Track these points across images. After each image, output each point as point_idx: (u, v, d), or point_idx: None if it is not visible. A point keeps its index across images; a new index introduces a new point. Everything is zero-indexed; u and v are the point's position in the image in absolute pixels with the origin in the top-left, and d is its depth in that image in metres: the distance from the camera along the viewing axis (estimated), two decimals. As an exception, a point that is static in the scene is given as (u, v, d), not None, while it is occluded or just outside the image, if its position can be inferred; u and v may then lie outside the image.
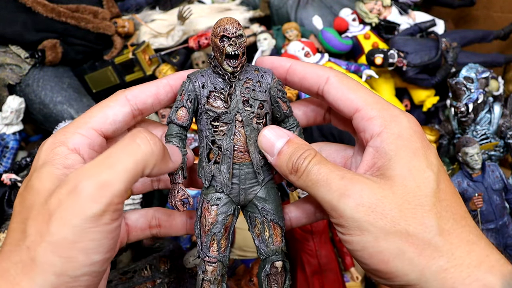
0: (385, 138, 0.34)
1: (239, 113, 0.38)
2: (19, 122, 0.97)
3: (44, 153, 0.33)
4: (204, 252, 0.39)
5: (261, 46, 1.10)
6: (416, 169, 0.32)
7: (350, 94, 0.36)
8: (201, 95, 0.38)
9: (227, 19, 0.37)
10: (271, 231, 0.40)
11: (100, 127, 0.36)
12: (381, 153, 0.34)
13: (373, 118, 0.35)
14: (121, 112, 0.37)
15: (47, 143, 0.34)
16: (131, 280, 0.66)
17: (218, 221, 0.39)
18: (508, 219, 0.82)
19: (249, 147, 0.39)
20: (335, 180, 0.33)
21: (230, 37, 0.37)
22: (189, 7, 1.05)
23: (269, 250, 0.40)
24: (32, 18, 0.95)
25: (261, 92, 0.39)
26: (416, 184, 0.32)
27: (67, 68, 1.04)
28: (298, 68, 0.39)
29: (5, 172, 0.90)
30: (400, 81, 1.06)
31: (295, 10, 1.19)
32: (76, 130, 0.35)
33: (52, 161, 0.32)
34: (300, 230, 0.82)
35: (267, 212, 0.40)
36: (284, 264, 0.40)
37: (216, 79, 0.38)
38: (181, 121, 0.39)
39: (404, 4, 1.17)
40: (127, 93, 0.38)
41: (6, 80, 0.96)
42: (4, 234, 0.78)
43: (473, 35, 1.08)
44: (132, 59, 1.03)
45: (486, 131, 0.91)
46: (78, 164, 0.33)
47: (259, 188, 0.40)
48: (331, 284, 0.81)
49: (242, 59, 0.38)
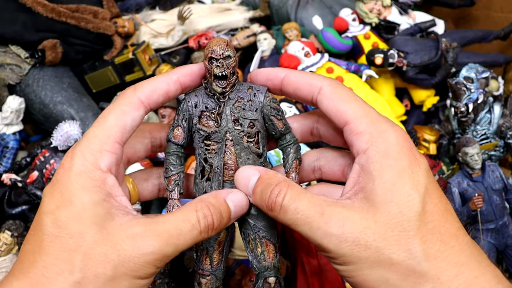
0: (370, 156, 0.33)
1: (229, 132, 0.39)
2: (19, 122, 0.97)
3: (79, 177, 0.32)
4: (198, 266, 0.41)
5: (261, 46, 1.10)
6: (400, 192, 0.31)
7: (341, 105, 0.35)
8: (193, 114, 0.39)
9: (216, 40, 0.38)
10: (263, 247, 0.40)
11: (121, 138, 0.35)
12: (366, 172, 0.33)
13: (361, 134, 0.34)
14: (137, 116, 0.36)
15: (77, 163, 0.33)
16: (131, 280, 0.66)
17: (211, 237, 0.39)
18: (508, 219, 0.82)
19: (239, 165, 0.39)
20: (315, 218, 0.32)
21: (217, 58, 0.37)
22: (189, 7, 1.05)
23: (261, 266, 0.40)
24: (32, 18, 0.95)
25: (251, 111, 0.39)
26: (399, 209, 0.31)
27: (67, 68, 1.04)
28: (292, 78, 0.38)
29: (5, 172, 0.90)
30: (400, 81, 1.06)
31: (295, 10, 1.19)
32: (102, 147, 0.34)
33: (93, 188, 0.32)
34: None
35: (259, 229, 0.40)
36: (277, 280, 0.41)
37: (208, 99, 0.39)
38: (177, 139, 0.40)
39: (404, 4, 1.17)
40: (139, 93, 0.37)
41: (6, 80, 0.96)
42: (4, 234, 0.78)
43: (473, 35, 1.08)
44: (132, 59, 1.03)
45: (486, 131, 0.91)
46: (115, 188, 0.33)
47: (251, 206, 0.40)
48: (331, 284, 0.81)
49: (231, 80, 0.38)
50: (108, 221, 0.31)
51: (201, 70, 0.40)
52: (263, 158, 0.41)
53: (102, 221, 0.31)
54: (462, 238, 0.32)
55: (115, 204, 0.33)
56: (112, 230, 0.31)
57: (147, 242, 0.31)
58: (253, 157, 0.40)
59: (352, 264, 0.31)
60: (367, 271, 0.31)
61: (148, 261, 0.31)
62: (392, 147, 0.33)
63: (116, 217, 0.32)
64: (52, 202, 0.32)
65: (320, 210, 0.32)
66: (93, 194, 0.32)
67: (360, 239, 0.31)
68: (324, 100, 0.36)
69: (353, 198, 0.33)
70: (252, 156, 0.40)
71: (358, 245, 0.30)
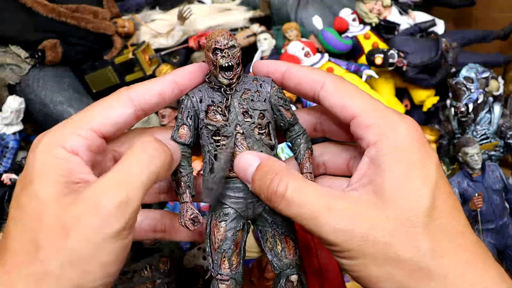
0: (380, 149, 0.32)
1: (239, 125, 0.37)
2: (19, 122, 0.97)
3: (42, 155, 0.32)
4: (216, 270, 0.38)
5: (261, 46, 1.10)
6: (410, 187, 0.31)
7: (347, 100, 0.34)
8: (199, 110, 0.38)
9: (218, 31, 0.37)
10: (283, 244, 0.39)
11: (100, 128, 0.34)
12: (376, 166, 0.32)
13: (370, 127, 0.33)
14: (124, 113, 0.36)
15: (43, 143, 0.32)
16: (131, 280, 0.66)
17: (227, 238, 0.38)
18: (508, 219, 0.82)
19: None
20: (321, 213, 0.31)
21: (222, 49, 0.36)
22: (189, 7, 1.05)
23: (283, 264, 0.39)
24: (32, 18, 0.95)
25: (260, 102, 0.38)
26: (409, 204, 0.30)
27: (67, 68, 1.04)
28: (294, 72, 0.38)
29: (5, 172, 0.90)
30: (400, 81, 1.06)
31: (295, 10, 1.19)
32: (74, 131, 0.33)
33: (54, 166, 0.31)
34: (300, 230, 0.82)
35: (278, 225, 0.38)
36: (299, 278, 0.39)
37: (213, 93, 0.38)
38: (183, 139, 0.38)
39: (404, 4, 1.17)
40: (131, 92, 0.36)
41: (6, 80, 0.96)
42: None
43: (473, 35, 1.08)
44: (132, 59, 1.03)
45: (486, 131, 0.91)
46: (80, 167, 0.32)
47: None
48: (331, 284, 0.81)
49: (237, 70, 0.37)
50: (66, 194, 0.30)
51: (199, 69, 0.39)
52: (275, 150, 0.39)
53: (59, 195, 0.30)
54: (468, 236, 0.31)
55: (76, 179, 0.31)
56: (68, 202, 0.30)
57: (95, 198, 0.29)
58: (266, 150, 0.38)
59: (358, 259, 0.30)
60: (372, 267, 0.30)
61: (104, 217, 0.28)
62: (403, 139, 0.32)
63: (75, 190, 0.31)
64: (19, 184, 0.32)
65: (327, 205, 0.31)
66: (53, 171, 0.31)
67: (369, 235, 0.30)
68: (327, 95, 0.35)
69: (360, 190, 0.32)
70: (265, 148, 0.38)
71: (367, 241, 0.30)
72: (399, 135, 0.32)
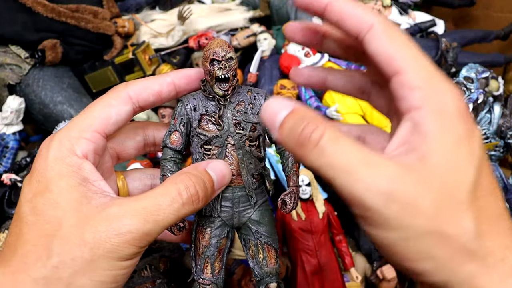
0: (425, 115, 0.28)
1: (231, 137, 0.38)
2: (19, 122, 0.97)
3: (55, 163, 0.32)
4: (199, 275, 0.40)
5: (261, 46, 1.10)
6: (457, 160, 0.28)
7: (395, 51, 0.30)
8: (193, 118, 0.38)
9: (217, 41, 0.37)
10: (265, 253, 0.40)
11: (103, 129, 0.35)
12: (420, 132, 0.28)
13: (415, 89, 0.29)
14: (123, 111, 0.36)
15: (53, 149, 0.33)
16: (131, 280, 0.66)
17: (211, 244, 0.39)
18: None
19: (241, 170, 0.38)
20: (357, 167, 0.27)
21: (220, 60, 0.36)
22: (189, 7, 1.05)
23: (263, 272, 0.40)
24: (32, 18, 0.95)
25: (253, 115, 0.38)
26: (455, 179, 0.27)
27: (67, 68, 1.04)
28: (338, 5, 0.32)
29: (5, 172, 0.90)
30: (400, 81, 1.06)
31: (295, 10, 1.19)
32: (80, 135, 0.34)
33: (69, 174, 0.32)
34: (300, 230, 0.82)
35: (261, 235, 0.40)
36: (278, 285, 0.40)
37: (208, 102, 0.38)
38: (174, 145, 0.38)
39: (404, 4, 1.17)
40: (129, 89, 0.37)
41: (6, 80, 0.96)
42: (4, 234, 0.78)
43: (473, 35, 1.08)
44: (132, 59, 1.03)
45: (486, 131, 0.91)
46: (93, 173, 0.33)
47: (252, 211, 0.40)
48: (331, 284, 0.81)
49: (233, 82, 0.37)
50: (84, 204, 0.31)
51: (198, 74, 0.39)
52: (263, 162, 0.40)
53: (78, 205, 0.31)
54: (506, 220, 0.29)
55: (92, 188, 0.32)
56: (88, 213, 0.31)
57: (123, 221, 0.30)
58: (255, 161, 0.39)
59: (395, 231, 0.27)
60: (411, 242, 0.27)
61: (126, 240, 0.30)
62: (450, 109, 0.29)
63: (93, 200, 0.32)
64: (30, 190, 0.32)
65: (365, 159, 0.27)
66: (69, 179, 0.32)
67: (411, 202, 0.26)
68: (373, 40, 0.31)
69: (403, 156, 0.29)
70: (254, 160, 0.39)
71: (408, 209, 0.26)
72: (446, 103, 0.29)
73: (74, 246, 0.29)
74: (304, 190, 0.83)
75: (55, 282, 0.29)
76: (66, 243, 0.29)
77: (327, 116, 0.97)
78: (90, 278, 0.29)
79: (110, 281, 0.30)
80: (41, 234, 0.30)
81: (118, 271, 0.31)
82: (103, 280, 0.30)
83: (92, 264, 0.29)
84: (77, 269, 0.29)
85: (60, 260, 0.29)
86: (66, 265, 0.29)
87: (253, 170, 0.39)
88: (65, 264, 0.29)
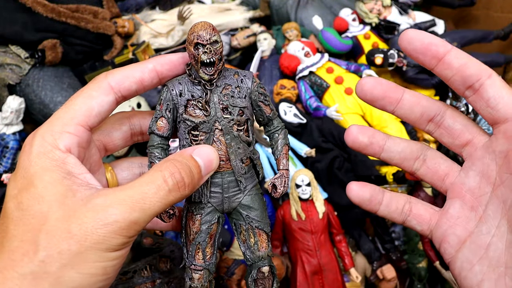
0: None
1: (218, 122, 0.37)
2: (19, 122, 0.97)
3: (38, 158, 0.32)
4: (190, 261, 0.39)
5: (261, 46, 1.10)
6: None
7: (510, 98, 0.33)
8: (178, 103, 0.37)
9: (201, 24, 0.36)
10: (257, 237, 0.40)
11: (86, 121, 0.34)
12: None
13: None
14: (105, 102, 0.35)
15: (36, 145, 0.32)
16: (131, 280, 0.66)
17: (202, 230, 0.39)
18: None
19: (230, 155, 0.38)
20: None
21: (204, 44, 0.35)
22: (189, 7, 1.05)
23: (255, 256, 0.40)
24: (32, 18, 0.95)
25: (240, 98, 0.38)
26: None
27: (67, 68, 1.04)
28: (460, 53, 0.35)
29: (5, 172, 0.90)
30: (400, 81, 1.06)
31: (295, 10, 1.19)
32: (63, 129, 0.33)
33: (53, 168, 0.32)
34: (300, 230, 0.82)
35: (252, 220, 0.40)
36: (270, 269, 0.40)
37: (193, 87, 0.37)
38: (161, 131, 0.38)
39: (404, 4, 1.17)
40: (110, 79, 0.36)
41: (6, 80, 0.96)
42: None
43: (473, 35, 1.08)
44: (132, 59, 1.03)
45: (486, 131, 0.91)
46: (77, 167, 0.33)
47: (242, 196, 0.39)
48: (331, 284, 0.81)
49: (219, 66, 0.36)
50: (70, 197, 0.31)
51: (181, 59, 0.38)
52: (252, 146, 0.40)
53: (63, 198, 0.31)
54: None
55: (77, 181, 0.32)
56: (73, 206, 0.30)
57: (109, 211, 0.30)
58: (243, 146, 0.38)
59: None
60: None
61: (113, 230, 0.30)
62: None
63: (78, 193, 0.31)
64: (15, 187, 0.32)
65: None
66: (53, 173, 0.31)
67: None
68: (492, 86, 0.34)
69: None
70: (242, 145, 0.38)
71: None
72: None
73: (60, 239, 0.29)
74: (304, 190, 0.83)
75: (43, 276, 0.28)
76: (52, 237, 0.29)
77: (327, 116, 0.98)
78: (79, 271, 0.29)
79: (100, 273, 0.30)
80: (27, 229, 0.30)
81: (107, 262, 0.30)
82: (92, 273, 0.30)
83: (80, 257, 0.29)
84: (64, 263, 0.29)
85: (47, 254, 0.29)
86: (53, 259, 0.29)
87: (242, 155, 0.39)
88: (52, 258, 0.29)
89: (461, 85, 0.35)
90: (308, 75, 1.03)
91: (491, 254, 0.33)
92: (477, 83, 0.34)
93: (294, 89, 1.02)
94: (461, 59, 0.35)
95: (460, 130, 0.37)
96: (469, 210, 0.36)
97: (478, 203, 0.35)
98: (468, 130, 0.37)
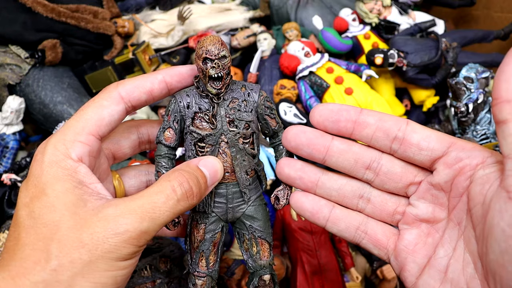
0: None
1: (224, 135, 0.38)
2: (19, 122, 0.97)
3: (50, 167, 0.32)
4: (194, 268, 0.40)
5: (261, 46, 1.10)
6: None
7: None
8: (186, 115, 0.38)
9: (210, 39, 0.37)
10: (259, 247, 0.41)
11: (97, 131, 0.35)
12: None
13: None
14: (116, 111, 0.36)
15: (48, 154, 0.33)
16: (131, 280, 0.66)
17: (206, 239, 0.40)
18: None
19: (235, 168, 0.39)
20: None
21: (212, 59, 0.36)
22: (189, 7, 1.05)
23: (257, 265, 0.40)
24: (32, 18, 0.95)
25: (246, 112, 0.38)
26: None
27: (67, 68, 1.04)
28: (371, 113, 0.36)
29: (5, 172, 0.90)
30: (400, 81, 1.06)
31: (295, 10, 1.19)
32: (75, 138, 0.34)
33: (65, 177, 0.32)
34: (300, 230, 0.82)
35: (255, 230, 0.40)
36: (272, 277, 0.41)
37: (201, 100, 0.38)
38: (168, 142, 0.38)
39: (404, 4, 1.17)
40: (120, 89, 0.37)
41: (6, 80, 0.96)
42: (4, 234, 0.78)
43: (473, 35, 1.08)
44: (132, 59, 1.03)
45: (486, 131, 0.91)
46: (88, 176, 0.33)
47: (246, 207, 0.40)
48: (331, 284, 0.81)
49: (226, 80, 0.37)
50: (81, 207, 0.31)
51: (190, 72, 0.39)
52: (257, 158, 0.41)
53: (74, 207, 0.31)
54: None
55: (88, 191, 0.33)
56: (84, 215, 0.31)
57: (119, 221, 0.30)
58: (248, 159, 0.39)
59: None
60: None
61: (123, 240, 0.30)
62: None
63: (89, 203, 0.32)
64: (27, 195, 0.32)
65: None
66: (65, 182, 0.32)
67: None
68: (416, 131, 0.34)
69: None
70: (247, 157, 0.39)
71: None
72: None
73: (72, 248, 0.30)
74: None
75: (54, 285, 0.29)
76: (64, 246, 0.30)
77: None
78: (90, 280, 0.30)
79: (110, 282, 0.31)
80: (39, 238, 0.30)
81: (118, 271, 0.31)
82: (103, 282, 0.30)
83: (91, 266, 0.29)
84: (76, 271, 0.29)
85: (58, 263, 0.29)
86: (65, 267, 0.29)
87: (246, 167, 0.39)
88: (64, 266, 0.29)
89: (385, 140, 0.35)
90: (308, 75, 1.03)
91: (451, 276, 0.33)
92: (399, 132, 0.35)
93: (294, 89, 1.02)
94: (374, 115, 0.35)
95: (401, 172, 0.36)
96: (425, 237, 0.35)
97: (435, 230, 0.35)
98: (409, 171, 0.36)
